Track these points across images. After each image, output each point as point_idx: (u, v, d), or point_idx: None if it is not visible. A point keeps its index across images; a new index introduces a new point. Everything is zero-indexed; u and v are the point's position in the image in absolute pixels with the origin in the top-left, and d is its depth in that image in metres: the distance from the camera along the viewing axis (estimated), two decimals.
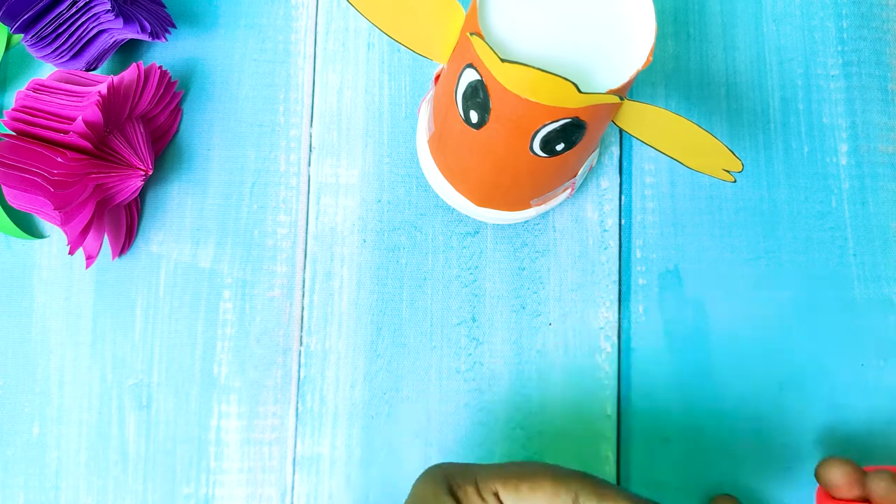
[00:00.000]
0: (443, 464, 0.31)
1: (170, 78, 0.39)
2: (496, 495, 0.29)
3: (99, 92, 0.34)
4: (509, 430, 0.39)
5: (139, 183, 0.37)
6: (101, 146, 0.35)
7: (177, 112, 0.40)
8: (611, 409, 0.39)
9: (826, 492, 0.34)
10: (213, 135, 0.40)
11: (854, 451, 0.39)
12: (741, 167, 0.31)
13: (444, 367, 0.39)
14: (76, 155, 0.34)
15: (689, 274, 0.40)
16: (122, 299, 0.39)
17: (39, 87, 0.35)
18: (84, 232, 0.35)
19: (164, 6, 0.39)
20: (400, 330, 0.39)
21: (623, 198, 0.41)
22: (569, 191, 0.37)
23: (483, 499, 0.29)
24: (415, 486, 0.30)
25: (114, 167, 0.35)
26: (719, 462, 0.39)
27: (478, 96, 0.28)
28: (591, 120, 0.28)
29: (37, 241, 0.39)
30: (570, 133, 0.28)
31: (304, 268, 0.40)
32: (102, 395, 0.38)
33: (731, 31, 0.42)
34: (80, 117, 0.33)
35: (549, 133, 0.28)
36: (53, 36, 0.36)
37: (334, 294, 0.39)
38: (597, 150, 0.37)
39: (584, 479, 0.29)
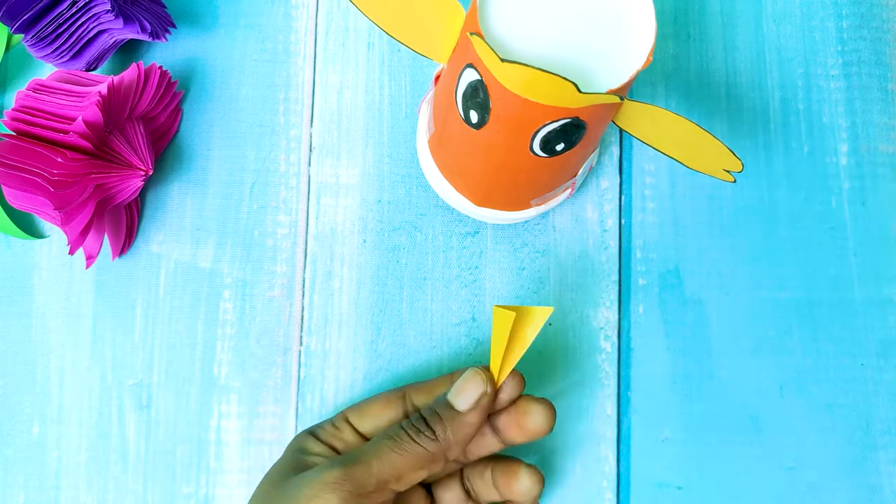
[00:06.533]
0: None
1: (170, 78, 0.39)
2: (346, 420, 0.34)
3: (99, 92, 0.34)
4: None
5: (139, 183, 0.37)
6: (101, 146, 0.35)
7: (177, 112, 0.40)
8: (611, 409, 0.39)
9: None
10: (213, 135, 0.40)
11: (854, 450, 0.39)
12: (741, 167, 0.31)
13: (444, 366, 0.39)
14: (76, 155, 0.34)
15: (689, 274, 0.40)
16: (122, 299, 0.39)
17: (39, 87, 0.35)
18: (84, 232, 0.35)
19: (164, 6, 0.39)
20: (400, 330, 0.39)
21: (623, 198, 0.41)
22: (569, 191, 0.37)
23: (337, 427, 0.34)
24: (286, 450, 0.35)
25: (114, 167, 0.35)
26: (719, 462, 0.39)
27: (478, 96, 0.28)
28: (591, 120, 0.28)
29: (37, 241, 0.39)
30: (570, 133, 0.28)
31: (304, 268, 0.40)
32: (102, 395, 0.38)
33: (731, 31, 0.42)
34: (80, 117, 0.33)
35: (549, 133, 0.28)
36: (53, 36, 0.36)
37: (334, 294, 0.39)
38: (597, 150, 0.37)
39: (413, 383, 0.35)
